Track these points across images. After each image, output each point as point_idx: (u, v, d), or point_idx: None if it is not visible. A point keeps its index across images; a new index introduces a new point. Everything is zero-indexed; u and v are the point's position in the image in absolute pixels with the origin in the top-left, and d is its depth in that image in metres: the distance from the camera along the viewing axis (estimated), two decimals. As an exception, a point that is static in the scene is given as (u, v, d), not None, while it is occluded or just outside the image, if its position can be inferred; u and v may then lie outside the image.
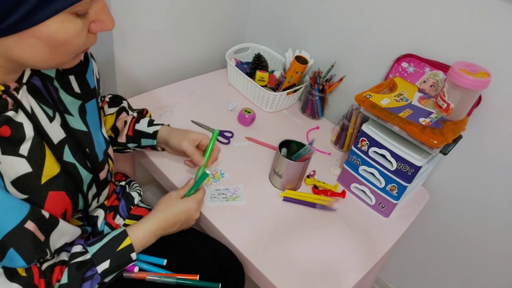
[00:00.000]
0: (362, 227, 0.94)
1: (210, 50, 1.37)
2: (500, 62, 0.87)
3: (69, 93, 0.67)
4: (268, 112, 1.25)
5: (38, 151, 0.57)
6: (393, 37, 1.04)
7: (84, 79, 0.70)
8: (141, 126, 0.88)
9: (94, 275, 0.64)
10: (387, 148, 0.89)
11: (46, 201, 0.58)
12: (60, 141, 0.62)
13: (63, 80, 0.65)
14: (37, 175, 0.57)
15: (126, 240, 0.68)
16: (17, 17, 0.44)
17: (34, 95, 0.58)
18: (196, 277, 0.77)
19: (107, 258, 0.66)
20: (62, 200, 0.62)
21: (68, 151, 0.64)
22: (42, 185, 0.58)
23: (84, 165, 0.67)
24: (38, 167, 0.57)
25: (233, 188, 0.95)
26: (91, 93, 0.71)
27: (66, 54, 0.51)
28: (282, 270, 0.80)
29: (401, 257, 1.32)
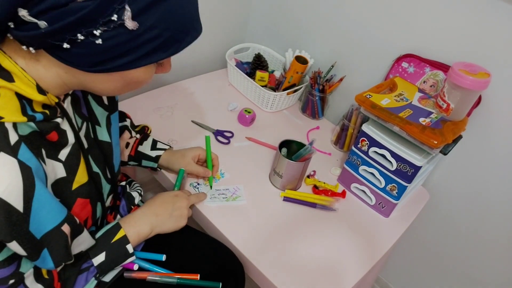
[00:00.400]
0: (362, 227, 0.94)
1: (210, 50, 1.37)
2: (500, 62, 0.87)
3: (100, 104, 0.69)
4: (268, 112, 1.25)
5: (74, 158, 0.60)
6: (393, 37, 1.04)
7: None
8: (144, 149, 0.91)
9: (90, 268, 0.65)
10: (387, 148, 0.89)
11: (74, 207, 0.61)
12: (86, 150, 0.65)
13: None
14: (70, 181, 0.60)
15: (120, 232, 0.69)
16: (120, 63, 0.49)
17: (73, 105, 0.61)
18: (197, 276, 0.77)
19: (102, 250, 0.66)
20: (86, 208, 0.64)
21: (92, 161, 0.66)
22: (72, 191, 0.60)
23: (105, 175, 0.70)
24: (72, 173, 0.60)
25: (233, 188, 0.95)
26: (115, 105, 0.74)
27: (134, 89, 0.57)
28: (282, 270, 0.80)
29: (401, 257, 1.33)
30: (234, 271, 0.82)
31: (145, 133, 0.94)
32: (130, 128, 0.92)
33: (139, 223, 0.73)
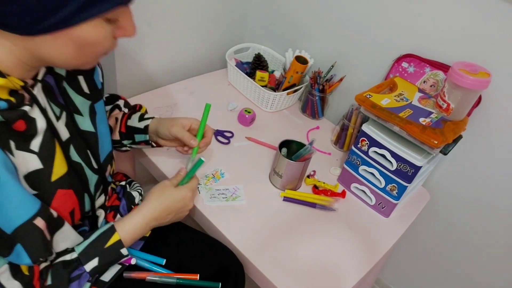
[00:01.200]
0: (362, 227, 0.94)
1: (210, 50, 1.37)
2: (500, 62, 0.87)
3: (79, 93, 0.67)
4: (268, 112, 1.25)
5: (48, 148, 0.58)
6: (393, 37, 1.04)
7: (92, 80, 0.71)
8: (133, 122, 0.86)
9: (82, 274, 0.62)
10: (387, 148, 0.89)
11: (54, 199, 0.59)
12: (66, 140, 0.63)
13: (72, 80, 0.66)
14: (48, 172, 0.58)
15: (114, 236, 0.66)
16: (58, 18, 0.46)
17: (46, 93, 0.59)
18: (196, 276, 0.77)
19: (94, 256, 0.64)
20: (70, 199, 0.62)
21: (74, 151, 0.64)
22: (52, 182, 0.58)
23: (90, 166, 0.67)
24: (49, 164, 0.58)
25: (233, 188, 0.95)
26: (99, 94, 0.72)
27: (90, 56, 0.54)
28: (282, 270, 0.80)
29: (401, 257, 1.32)
30: (234, 271, 0.81)
31: (135, 109, 0.91)
32: (120, 106, 0.89)
33: (138, 230, 0.70)
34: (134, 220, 0.70)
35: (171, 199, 0.75)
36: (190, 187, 0.78)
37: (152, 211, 0.72)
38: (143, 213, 0.71)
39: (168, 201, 0.74)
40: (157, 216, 0.72)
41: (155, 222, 0.73)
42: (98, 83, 0.73)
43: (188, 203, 0.78)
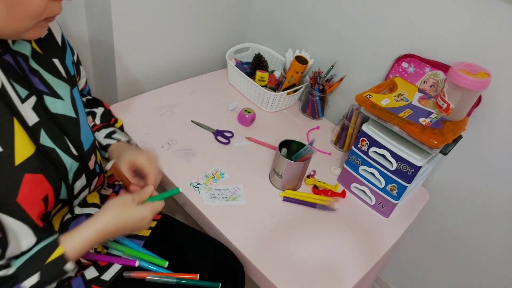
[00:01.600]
0: (362, 227, 0.94)
1: (210, 50, 1.37)
2: (500, 62, 0.87)
3: (57, 76, 0.65)
4: (268, 112, 1.25)
5: (6, 129, 0.54)
6: (393, 37, 1.04)
7: (64, 64, 0.69)
8: (98, 136, 0.82)
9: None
10: (387, 148, 0.89)
11: (22, 184, 0.55)
12: (35, 124, 0.59)
13: (47, 63, 0.64)
14: (9, 155, 0.54)
15: (57, 251, 0.58)
16: None
17: (6, 73, 0.56)
18: (196, 276, 0.77)
19: (34, 272, 0.56)
20: (41, 184, 0.58)
21: (45, 135, 0.61)
22: (16, 166, 0.54)
23: (67, 152, 0.64)
24: (8, 146, 0.54)
25: (233, 188, 0.95)
26: (73, 80, 0.70)
27: (25, 16, 0.50)
28: (282, 270, 0.80)
29: (401, 257, 1.32)
30: (234, 271, 0.82)
31: (109, 122, 0.87)
32: (96, 115, 0.85)
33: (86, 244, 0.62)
34: (84, 234, 0.62)
35: (129, 219, 0.67)
36: (153, 208, 0.70)
37: (106, 227, 0.64)
38: (96, 227, 0.63)
39: (125, 220, 0.67)
40: (110, 232, 0.65)
41: (105, 237, 0.65)
42: (71, 70, 0.71)
43: (146, 224, 0.70)
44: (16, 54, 0.59)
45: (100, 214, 0.65)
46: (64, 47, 0.71)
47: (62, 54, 0.70)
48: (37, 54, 0.63)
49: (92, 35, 1.13)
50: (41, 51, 0.64)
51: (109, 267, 0.74)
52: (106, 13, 1.02)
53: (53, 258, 0.58)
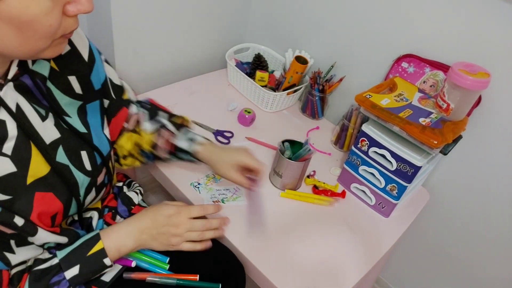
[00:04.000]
0: (362, 227, 0.94)
1: (210, 50, 1.37)
2: (500, 62, 0.87)
3: (68, 94, 0.64)
4: (268, 112, 1.25)
5: (23, 150, 0.55)
6: (393, 37, 1.04)
7: (88, 80, 0.67)
8: (179, 142, 0.84)
9: (61, 281, 0.60)
10: (387, 148, 0.89)
11: (34, 202, 0.56)
12: (54, 142, 0.60)
13: (61, 81, 0.63)
14: (22, 175, 0.55)
15: (98, 244, 0.64)
16: None
17: (24, 94, 0.56)
18: (196, 277, 0.77)
19: (76, 263, 0.61)
20: (52, 203, 0.59)
21: (62, 152, 0.61)
22: (27, 185, 0.56)
23: (80, 168, 0.64)
24: (23, 167, 0.55)
25: (233, 189, 0.95)
26: (95, 95, 0.69)
27: (37, 38, 0.47)
28: (282, 270, 0.80)
29: (401, 257, 1.32)
30: (234, 271, 0.82)
31: (182, 125, 0.87)
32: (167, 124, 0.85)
33: (121, 238, 0.68)
34: (119, 229, 0.68)
35: (159, 212, 0.72)
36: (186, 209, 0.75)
37: (140, 221, 0.70)
38: (130, 222, 0.69)
39: (155, 213, 0.72)
40: (144, 227, 0.70)
41: (141, 234, 0.70)
42: (96, 84, 0.69)
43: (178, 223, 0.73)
44: (35, 74, 0.58)
45: (134, 215, 0.72)
46: (91, 61, 0.68)
47: (86, 69, 0.67)
48: (54, 72, 0.62)
49: (92, 35, 1.13)
50: (58, 69, 0.62)
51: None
52: (106, 14, 1.02)
53: (93, 252, 0.63)
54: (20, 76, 0.56)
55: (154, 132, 0.83)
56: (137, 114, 0.83)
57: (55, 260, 0.61)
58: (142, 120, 0.84)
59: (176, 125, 0.86)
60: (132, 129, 0.83)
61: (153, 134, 0.83)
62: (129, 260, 0.75)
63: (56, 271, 0.60)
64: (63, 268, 0.61)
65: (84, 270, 0.62)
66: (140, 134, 0.83)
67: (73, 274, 0.61)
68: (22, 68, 0.56)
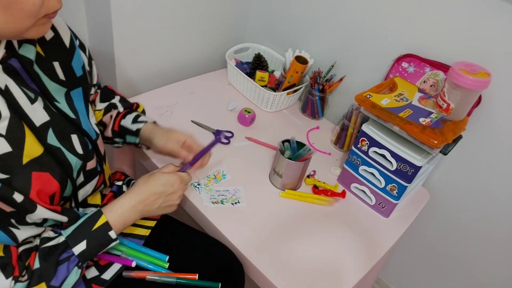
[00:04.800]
0: (362, 227, 0.94)
1: (210, 50, 1.37)
2: (500, 62, 0.87)
3: (54, 80, 0.66)
4: (268, 112, 1.25)
5: (16, 130, 0.56)
6: (393, 37, 1.04)
7: (69, 67, 0.69)
8: (126, 122, 0.86)
9: (71, 257, 0.62)
10: (387, 148, 0.89)
11: (32, 181, 0.57)
12: (43, 124, 0.61)
13: (46, 66, 0.65)
14: (18, 155, 0.56)
15: (102, 218, 0.65)
16: None
17: (12, 77, 0.57)
18: (195, 276, 0.77)
19: (82, 239, 0.63)
20: (49, 182, 0.60)
21: (53, 135, 0.62)
22: (24, 165, 0.57)
23: (72, 151, 0.65)
24: (18, 146, 0.56)
25: (233, 190, 0.95)
26: (77, 81, 0.71)
27: (23, 17, 0.50)
28: (282, 270, 0.80)
29: (401, 257, 1.32)
30: (233, 271, 0.82)
31: (131, 108, 0.90)
32: (117, 104, 0.89)
33: (125, 212, 0.69)
34: (120, 202, 0.69)
35: (158, 182, 0.73)
36: (181, 175, 0.76)
37: (139, 193, 0.71)
38: (130, 195, 0.70)
39: (155, 184, 0.73)
40: (144, 198, 0.71)
41: (142, 205, 0.71)
42: (78, 71, 0.71)
43: (177, 190, 0.75)
44: (22, 58, 0.59)
45: (131, 188, 0.73)
46: (72, 48, 0.70)
47: (68, 56, 0.69)
48: (40, 57, 0.64)
49: (92, 35, 1.13)
50: (44, 54, 0.65)
51: (109, 267, 0.75)
52: (106, 14, 1.02)
53: (98, 225, 0.65)
54: (8, 59, 0.57)
55: (103, 110, 0.87)
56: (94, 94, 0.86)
57: (61, 238, 0.62)
58: (96, 98, 0.87)
59: (126, 106, 0.89)
60: None
61: (101, 111, 0.87)
62: (129, 259, 0.75)
63: (64, 248, 0.62)
64: (70, 244, 0.62)
65: (91, 244, 0.63)
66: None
67: (81, 249, 0.62)
68: (10, 51, 0.57)
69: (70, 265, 0.62)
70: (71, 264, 0.62)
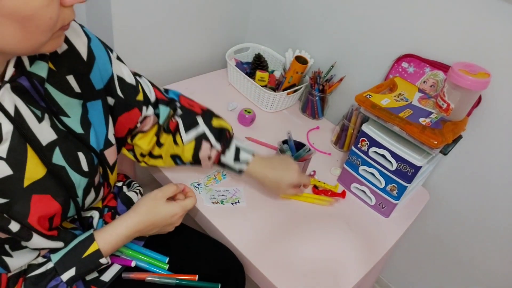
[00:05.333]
0: (362, 227, 0.94)
1: (210, 50, 1.37)
2: (500, 62, 0.87)
3: (66, 93, 0.62)
4: (268, 112, 1.25)
5: (18, 153, 0.54)
6: (393, 37, 1.04)
7: (87, 79, 0.65)
8: (227, 160, 0.86)
9: (59, 285, 0.60)
10: (387, 148, 0.89)
11: (31, 205, 0.56)
12: (50, 143, 0.59)
13: (59, 80, 0.61)
14: (19, 178, 0.54)
15: (93, 246, 0.63)
16: None
17: (21, 96, 0.55)
18: (195, 277, 0.77)
19: (72, 266, 0.61)
20: (50, 204, 0.59)
21: (59, 153, 0.60)
22: (25, 188, 0.55)
23: (77, 169, 0.63)
24: (19, 169, 0.54)
25: (233, 190, 0.95)
26: (96, 94, 0.67)
27: (39, 32, 0.47)
28: (282, 270, 0.80)
29: (401, 257, 1.32)
30: (234, 271, 0.82)
31: (227, 140, 0.86)
32: (206, 134, 0.84)
33: (119, 241, 0.67)
34: (116, 231, 0.67)
35: (160, 215, 0.71)
36: (183, 205, 0.74)
37: (138, 223, 0.69)
38: (128, 224, 0.68)
39: (157, 216, 0.71)
40: (141, 229, 0.69)
41: (138, 234, 0.70)
42: (98, 84, 0.67)
43: (176, 221, 0.74)
44: (32, 76, 0.57)
45: (131, 213, 0.70)
46: (91, 58, 0.65)
47: (85, 68, 0.65)
48: (52, 72, 0.60)
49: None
50: (55, 69, 0.61)
51: (109, 268, 0.74)
52: (106, 14, 1.02)
53: (89, 253, 0.63)
54: (17, 77, 0.55)
55: (193, 142, 0.83)
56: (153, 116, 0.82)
57: (49, 264, 0.61)
58: (179, 128, 0.83)
59: (216, 134, 0.85)
60: (146, 130, 0.82)
61: (191, 143, 0.83)
62: (129, 260, 0.75)
63: (52, 276, 0.60)
64: (58, 272, 0.60)
65: (80, 270, 0.62)
66: (178, 144, 0.83)
67: (70, 275, 0.61)
68: (19, 69, 0.55)
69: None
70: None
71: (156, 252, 0.79)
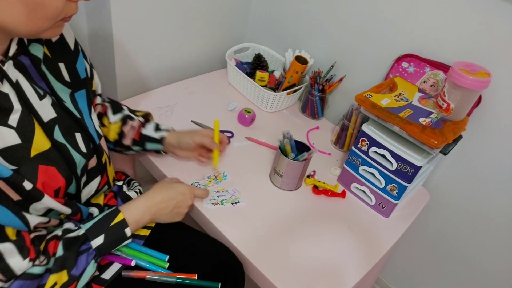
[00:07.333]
0: (362, 227, 0.94)
1: (210, 50, 1.37)
2: (500, 62, 0.87)
3: (59, 80, 0.67)
4: (268, 112, 1.25)
5: (27, 124, 0.58)
6: (393, 37, 1.04)
7: (74, 69, 0.71)
8: (147, 131, 0.91)
9: (89, 249, 0.65)
10: (387, 148, 0.89)
11: (39, 174, 0.59)
12: (51, 120, 0.63)
13: (52, 66, 0.67)
14: (26, 147, 0.58)
15: (119, 216, 0.70)
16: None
17: (22, 73, 0.59)
18: (195, 276, 0.77)
19: (100, 233, 0.67)
20: (55, 177, 0.62)
21: (59, 131, 0.64)
22: (31, 157, 0.58)
23: (76, 148, 0.67)
24: (27, 139, 0.58)
25: (232, 190, 0.95)
26: (81, 83, 0.72)
27: (44, 18, 0.52)
28: (282, 269, 0.80)
29: (401, 257, 1.32)
30: (233, 270, 0.81)
31: (148, 119, 0.95)
32: (131, 115, 0.92)
33: (140, 212, 0.74)
34: (135, 203, 0.75)
35: (172, 190, 0.80)
36: (192, 187, 0.85)
37: (154, 196, 0.77)
38: (145, 197, 0.77)
39: (169, 191, 0.80)
40: (158, 202, 0.77)
41: (156, 209, 0.77)
42: (82, 73, 0.73)
43: (187, 200, 0.82)
44: (32, 56, 0.61)
45: (148, 191, 0.79)
46: (76, 51, 0.73)
47: (73, 58, 0.72)
48: (47, 57, 0.66)
49: (92, 35, 1.13)
50: (50, 55, 0.66)
51: (109, 266, 0.75)
52: (106, 14, 1.02)
53: (116, 222, 0.69)
54: (18, 55, 0.59)
55: (119, 122, 0.89)
56: (102, 105, 0.88)
57: (81, 231, 0.66)
58: (108, 111, 0.89)
59: (139, 116, 0.93)
60: None
61: (117, 123, 0.89)
62: (129, 258, 0.75)
63: (83, 240, 0.65)
64: (89, 237, 0.65)
65: (108, 239, 0.67)
66: (105, 125, 0.88)
67: (99, 243, 0.66)
68: (20, 48, 0.59)
69: (89, 257, 0.65)
70: (90, 256, 0.65)
71: (157, 251, 0.79)
